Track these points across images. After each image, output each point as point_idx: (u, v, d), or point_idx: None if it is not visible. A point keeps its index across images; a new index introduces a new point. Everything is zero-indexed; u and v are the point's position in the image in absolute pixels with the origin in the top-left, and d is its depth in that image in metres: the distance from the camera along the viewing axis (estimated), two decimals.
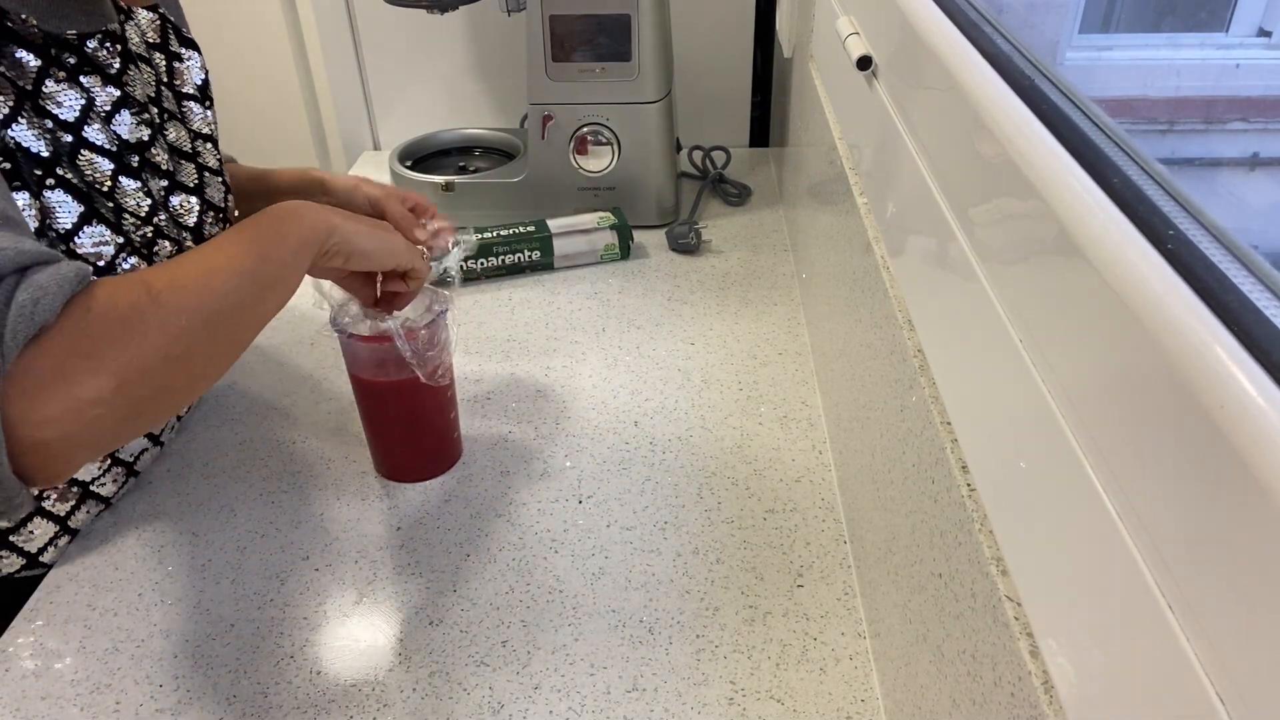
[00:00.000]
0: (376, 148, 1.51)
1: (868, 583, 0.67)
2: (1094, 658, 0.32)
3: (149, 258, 0.70)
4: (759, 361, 0.97)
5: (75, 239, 0.64)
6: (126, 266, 0.67)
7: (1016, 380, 0.39)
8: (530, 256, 1.13)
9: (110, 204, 0.67)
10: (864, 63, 0.71)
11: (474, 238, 0.81)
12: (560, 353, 0.99)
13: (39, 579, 0.72)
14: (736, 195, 1.30)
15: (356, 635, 0.67)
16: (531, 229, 1.13)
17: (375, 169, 1.42)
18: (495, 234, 1.12)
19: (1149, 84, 0.70)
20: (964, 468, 0.46)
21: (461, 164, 1.30)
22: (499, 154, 1.32)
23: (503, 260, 1.12)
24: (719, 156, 1.35)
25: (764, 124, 1.47)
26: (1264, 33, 0.69)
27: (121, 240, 0.67)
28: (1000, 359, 0.41)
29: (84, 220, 0.65)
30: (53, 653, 0.66)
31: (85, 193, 0.65)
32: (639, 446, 0.84)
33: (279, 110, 1.53)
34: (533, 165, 1.21)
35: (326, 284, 0.71)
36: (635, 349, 0.99)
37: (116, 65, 0.70)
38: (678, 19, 1.30)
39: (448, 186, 1.22)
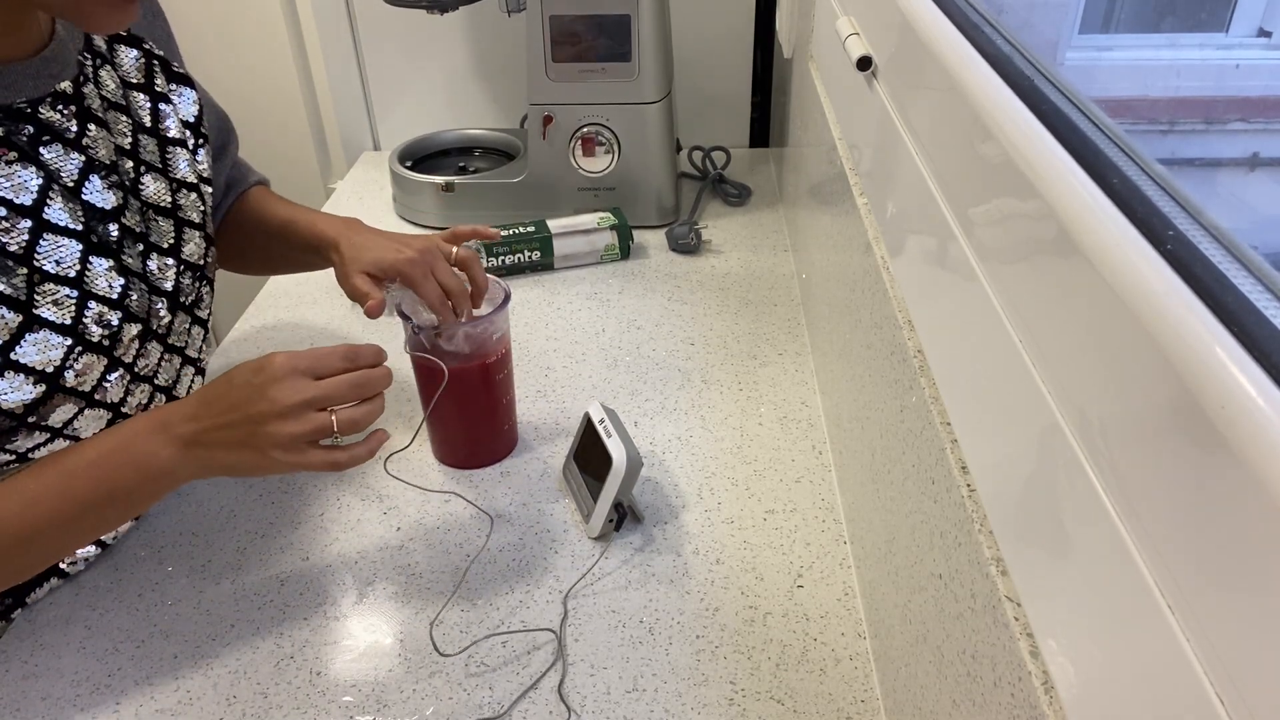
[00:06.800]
0: (376, 148, 1.51)
1: (868, 583, 0.67)
2: (1094, 658, 0.32)
3: (109, 350, 0.65)
4: (759, 361, 0.97)
5: (16, 349, 0.59)
6: (79, 366, 0.62)
7: (1016, 380, 0.39)
8: (530, 257, 1.13)
9: (75, 292, 0.62)
10: (864, 63, 0.71)
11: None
12: (560, 353, 0.99)
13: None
14: (736, 195, 1.30)
15: (356, 635, 0.67)
16: (531, 229, 1.13)
17: (375, 169, 1.42)
18: None
19: (1149, 84, 0.70)
20: (964, 468, 0.46)
21: (461, 164, 1.30)
22: (499, 154, 1.32)
23: (503, 260, 1.12)
24: (719, 156, 1.35)
25: (764, 124, 1.47)
26: (1264, 33, 0.69)
27: (71, 341, 0.62)
28: (1000, 359, 0.41)
29: (23, 330, 0.59)
30: (53, 653, 0.67)
31: (23, 302, 0.59)
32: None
33: (279, 110, 1.53)
34: (533, 165, 1.21)
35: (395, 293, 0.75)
36: (635, 349, 0.99)
37: (74, 128, 0.64)
38: (678, 19, 1.30)
39: (448, 187, 1.22)
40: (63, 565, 0.71)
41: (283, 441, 0.59)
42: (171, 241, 0.73)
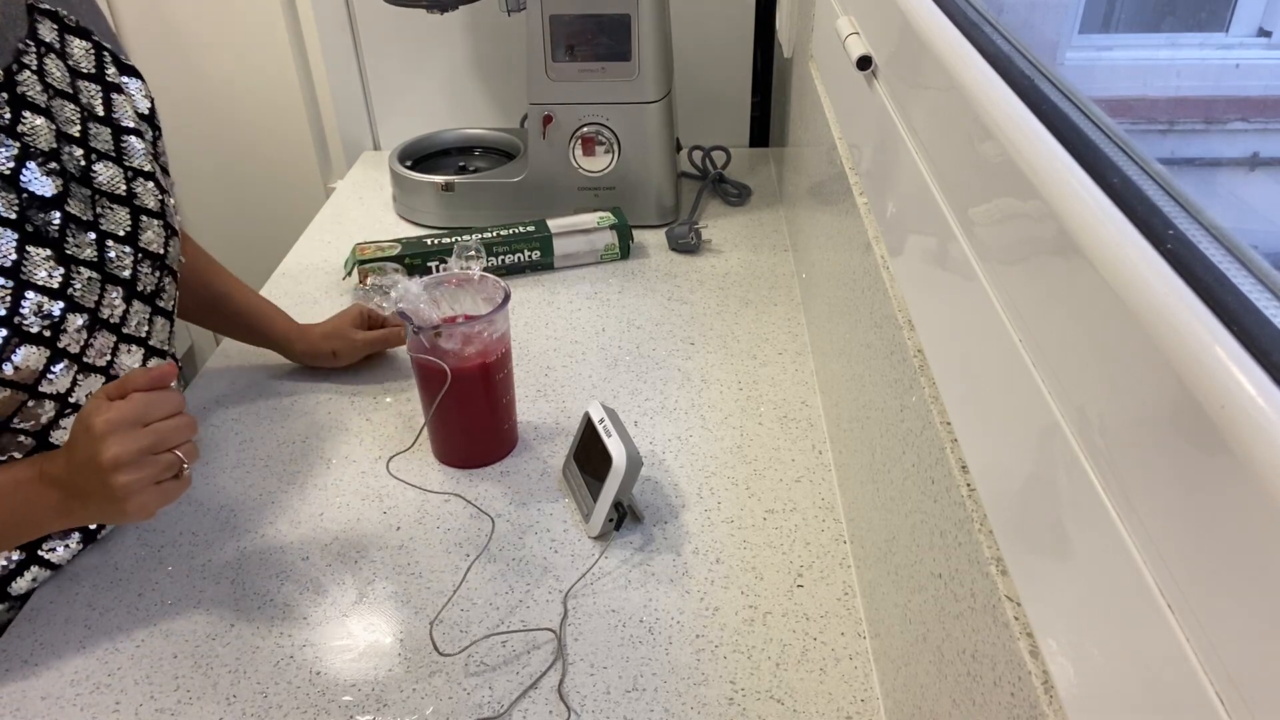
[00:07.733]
0: (376, 148, 1.51)
1: (868, 583, 0.67)
2: (1094, 658, 0.32)
3: (52, 341, 0.64)
4: (759, 361, 0.97)
5: None
6: (17, 358, 0.61)
7: (1016, 380, 0.39)
8: (530, 256, 1.13)
9: (11, 282, 0.61)
10: (864, 63, 0.71)
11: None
12: (560, 353, 0.99)
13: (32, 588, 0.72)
14: (736, 195, 1.30)
15: (356, 635, 0.67)
16: (531, 229, 1.13)
17: (375, 169, 1.42)
18: (495, 234, 1.12)
19: (1149, 84, 0.70)
20: (964, 468, 0.46)
21: (461, 164, 1.30)
22: (499, 154, 1.32)
23: (503, 260, 1.12)
24: (719, 156, 1.35)
25: (764, 124, 1.47)
26: (1264, 33, 0.69)
27: (6, 333, 0.61)
28: (1000, 359, 0.41)
29: None
30: (53, 653, 0.67)
31: None
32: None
33: (279, 110, 1.53)
34: (533, 165, 1.21)
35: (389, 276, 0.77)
36: (635, 349, 0.99)
37: (7, 115, 0.63)
38: (678, 19, 1.30)
39: (448, 186, 1.22)
40: (41, 552, 0.71)
41: (135, 489, 0.58)
42: (128, 229, 0.72)
